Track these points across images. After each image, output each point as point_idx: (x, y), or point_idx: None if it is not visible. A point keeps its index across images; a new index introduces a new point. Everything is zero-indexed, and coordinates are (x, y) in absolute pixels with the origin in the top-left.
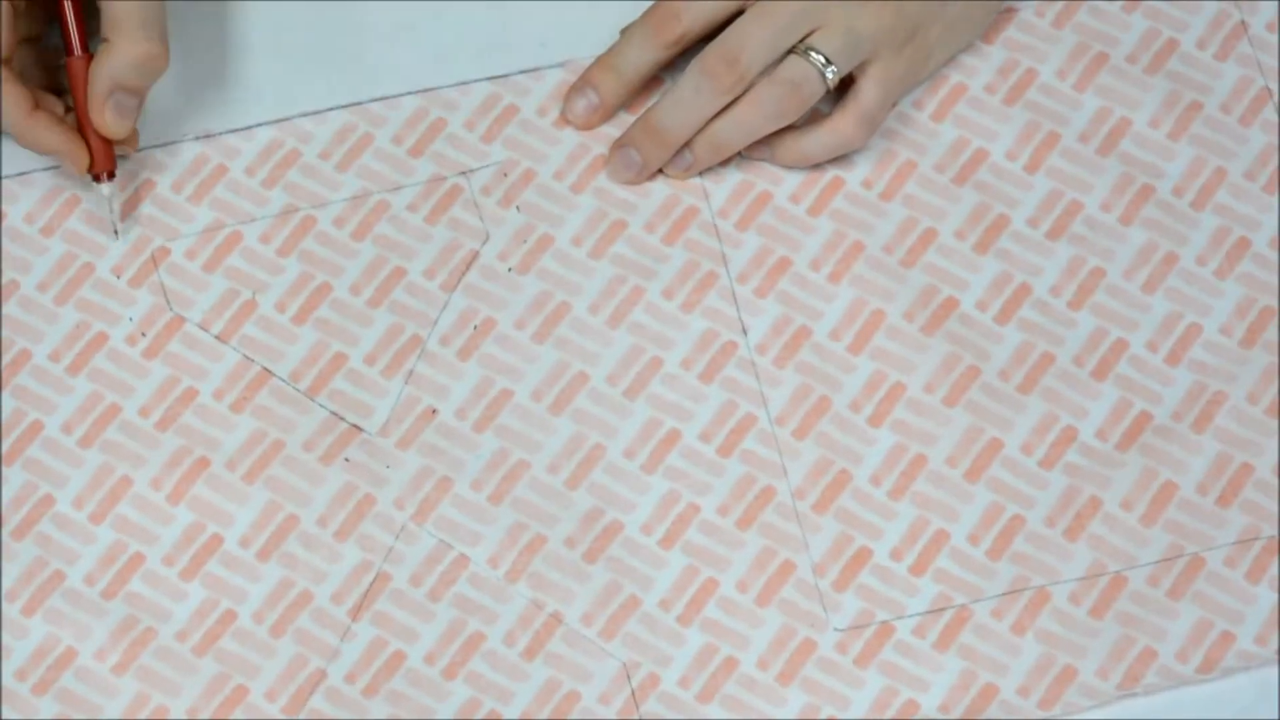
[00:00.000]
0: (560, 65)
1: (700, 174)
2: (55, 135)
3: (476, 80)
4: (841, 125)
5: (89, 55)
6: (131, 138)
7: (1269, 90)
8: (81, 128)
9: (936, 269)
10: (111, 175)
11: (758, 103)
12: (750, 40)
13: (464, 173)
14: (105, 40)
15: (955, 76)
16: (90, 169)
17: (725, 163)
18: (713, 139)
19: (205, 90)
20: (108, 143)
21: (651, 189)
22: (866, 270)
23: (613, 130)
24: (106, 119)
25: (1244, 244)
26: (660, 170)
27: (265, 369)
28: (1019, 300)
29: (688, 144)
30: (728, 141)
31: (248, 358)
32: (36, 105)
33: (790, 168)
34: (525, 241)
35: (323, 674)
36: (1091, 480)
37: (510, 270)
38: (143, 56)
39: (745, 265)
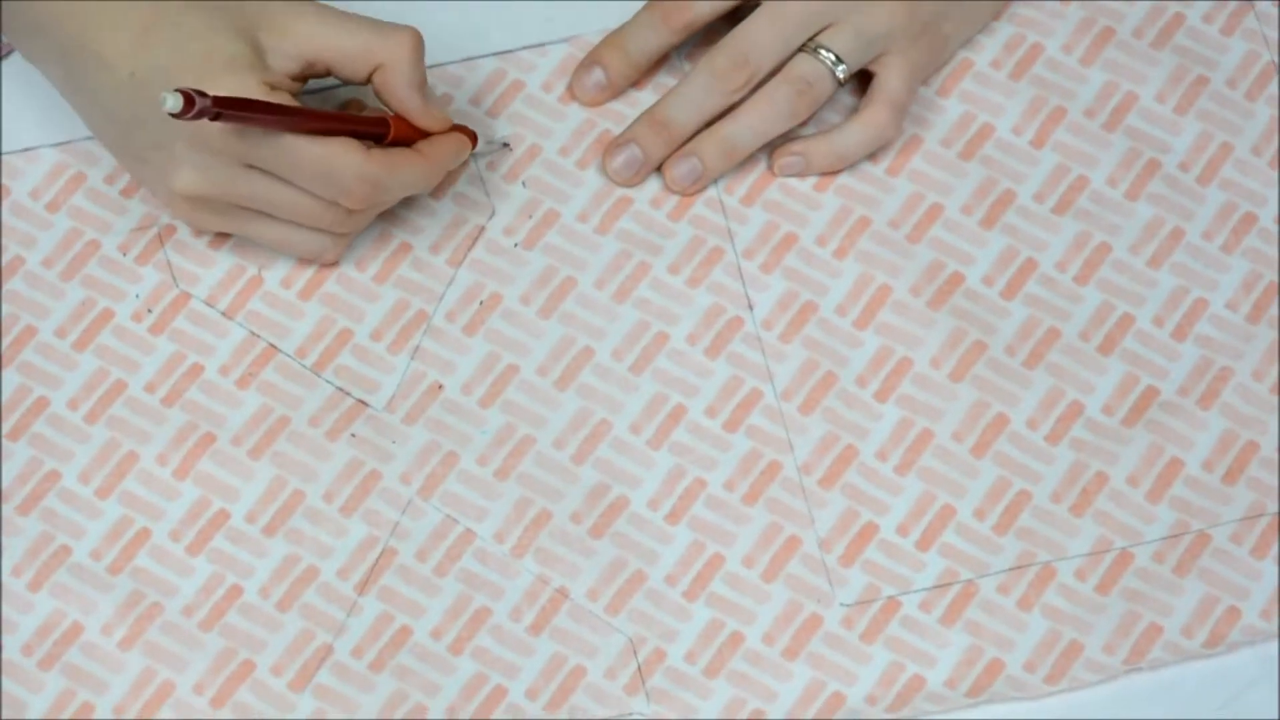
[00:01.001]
0: (566, 41)
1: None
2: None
3: (482, 56)
4: (873, 115)
5: (389, 116)
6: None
7: (1275, 65)
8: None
9: (943, 244)
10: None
11: (768, 102)
12: (760, 40)
13: None
14: (375, 69)
15: (961, 52)
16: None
17: None
18: (724, 143)
19: None
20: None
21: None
22: (872, 246)
23: (620, 106)
24: (435, 113)
25: (1250, 219)
26: (676, 189)
27: (271, 345)
28: (1025, 275)
29: (696, 152)
30: (740, 144)
31: (254, 334)
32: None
33: (826, 173)
34: (531, 217)
35: (329, 649)
36: (1098, 456)
37: (516, 245)
38: (415, 40)
39: (751, 241)
